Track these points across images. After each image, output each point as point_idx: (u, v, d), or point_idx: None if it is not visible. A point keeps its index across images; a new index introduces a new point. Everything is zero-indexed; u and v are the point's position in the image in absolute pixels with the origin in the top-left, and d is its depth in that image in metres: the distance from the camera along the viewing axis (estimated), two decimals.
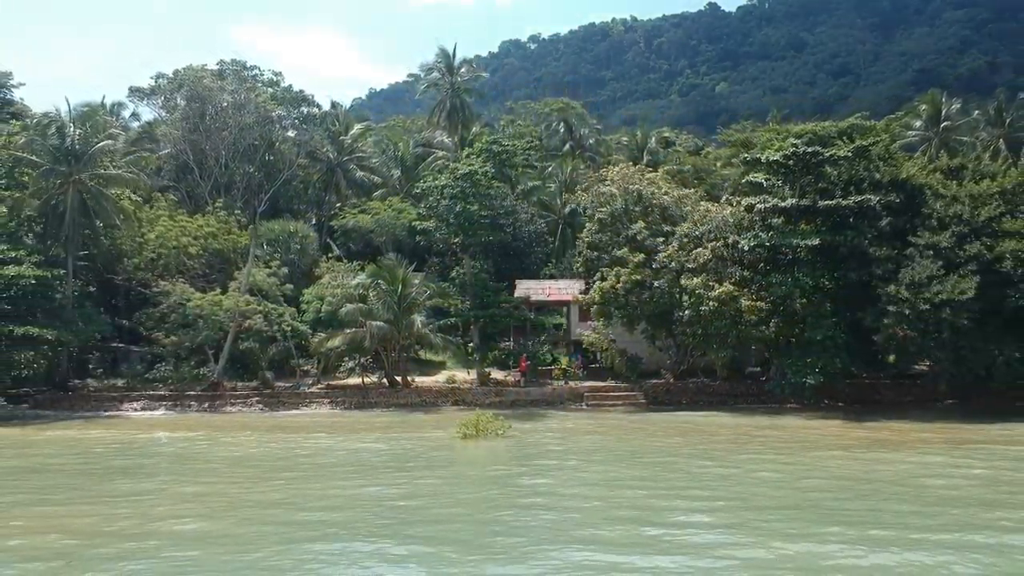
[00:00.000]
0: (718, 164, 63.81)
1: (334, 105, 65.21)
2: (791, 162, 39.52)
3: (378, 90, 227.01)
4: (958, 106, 59.05)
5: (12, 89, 67.92)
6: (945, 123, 57.39)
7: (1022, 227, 35.38)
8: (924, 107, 59.41)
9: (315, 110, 58.96)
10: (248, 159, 54.94)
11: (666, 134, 70.48)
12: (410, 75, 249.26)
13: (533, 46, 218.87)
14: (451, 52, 58.87)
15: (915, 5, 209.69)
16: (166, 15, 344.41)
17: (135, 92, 56.77)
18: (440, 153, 57.98)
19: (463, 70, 59.20)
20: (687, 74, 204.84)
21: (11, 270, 37.79)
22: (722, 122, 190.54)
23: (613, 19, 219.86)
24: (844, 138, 51.24)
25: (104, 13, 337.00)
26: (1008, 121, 61.03)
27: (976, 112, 63.25)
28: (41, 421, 36.17)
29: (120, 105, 60.05)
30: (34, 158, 41.96)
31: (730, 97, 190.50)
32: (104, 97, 53.08)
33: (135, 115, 60.27)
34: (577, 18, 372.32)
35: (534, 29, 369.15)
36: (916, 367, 41.48)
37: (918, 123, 59.15)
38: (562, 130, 66.08)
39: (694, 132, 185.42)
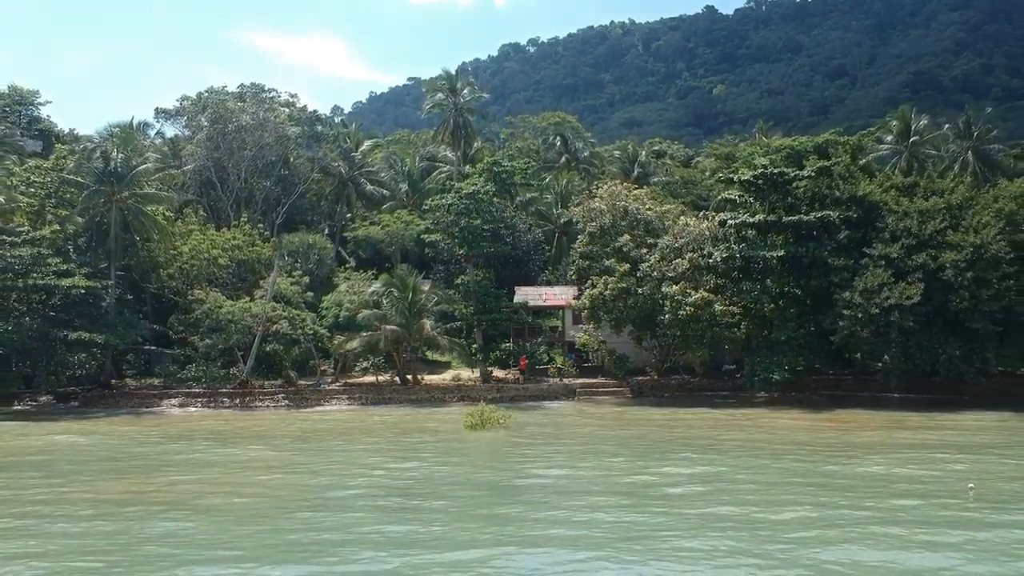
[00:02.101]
0: (706, 174, 69.19)
1: (343, 121, 70.51)
2: (760, 182, 44.85)
3: (378, 93, 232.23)
4: (926, 122, 64.30)
5: (40, 107, 73.42)
6: (914, 138, 62.60)
7: (962, 240, 40.69)
8: (895, 123, 64.66)
9: (328, 129, 64.42)
10: (266, 175, 60.44)
11: (656, 147, 75.77)
12: (410, 78, 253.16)
13: (532, 49, 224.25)
14: (454, 74, 64.53)
15: (910, 7, 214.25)
16: (166, 17, 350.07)
17: (161, 113, 62.35)
18: (445, 168, 63.54)
19: (465, 91, 64.78)
20: (685, 76, 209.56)
21: (66, 281, 43.14)
22: (719, 124, 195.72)
23: (611, 22, 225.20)
24: (818, 153, 56.75)
25: (103, 15, 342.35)
26: (976, 133, 66.25)
27: (947, 126, 68.50)
28: (101, 416, 41.47)
29: (146, 124, 65.57)
30: (80, 179, 47.41)
31: (727, 99, 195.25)
32: (133, 118, 58.13)
33: (160, 133, 65.82)
34: (576, 21, 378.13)
35: (533, 31, 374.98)
36: (879, 364, 46.71)
37: (889, 138, 64.35)
38: (558, 144, 71.54)
39: (691, 134, 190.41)
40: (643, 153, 69.67)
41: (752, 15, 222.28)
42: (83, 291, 44.23)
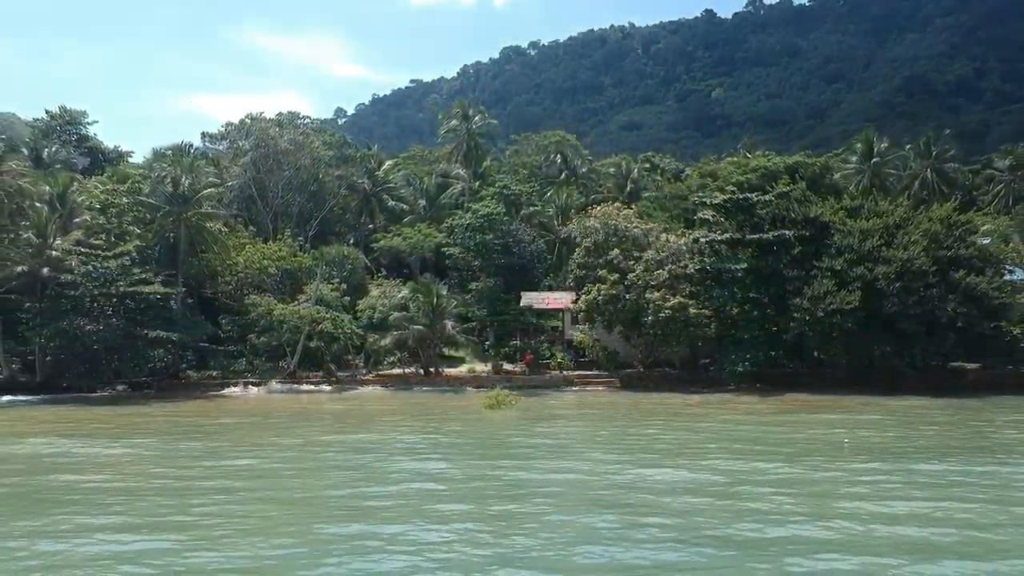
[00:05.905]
0: (694, 188, 79.39)
1: (363, 144, 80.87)
2: (729, 205, 55.05)
3: (381, 96, 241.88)
4: (887, 144, 74.63)
5: (87, 126, 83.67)
6: (875, 159, 72.88)
7: (893, 255, 50.86)
8: (859, 144, 74.97)
9: (354, 151, 74.84)
10: (300, 192, 70.69)
11: (647, 165, 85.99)
12: (412, 80, 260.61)
13: (533, 52, 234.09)
14: (466, 104, 75.20)
15: (906, 11, 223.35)
16: (166, 18, 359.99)
17: (208, 137, 72.75)
18: (458, 184, 73.94)
19: (476, 118, 75.30)
20: (684, 80, 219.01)
21: (148, 288, 53.34)
22: (718, 127, 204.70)
23: (611, 26, 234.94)
24: (788, 173, 67.05)
25: (104, 16, 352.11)
26: (935, 153, 76.53)
27: (908, 146, 78.80)
28: (180, 399, 51.70)
29: (190, 145, 75.84)
30: (152, 201, 57.67)
31: (726, 102, 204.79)
32: (182, 141, 68.38)
33: (203, 154, 75.98)
34: (575, 23, 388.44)
35: (533, 33, 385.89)
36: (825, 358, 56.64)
37: (854, 158, 74.66)
38: (559, 161, 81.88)
39: (690, 137, 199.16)
40: (636, 169, 79.92)
41: (750, 19, 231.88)
42: (158, 296, 54.41)
